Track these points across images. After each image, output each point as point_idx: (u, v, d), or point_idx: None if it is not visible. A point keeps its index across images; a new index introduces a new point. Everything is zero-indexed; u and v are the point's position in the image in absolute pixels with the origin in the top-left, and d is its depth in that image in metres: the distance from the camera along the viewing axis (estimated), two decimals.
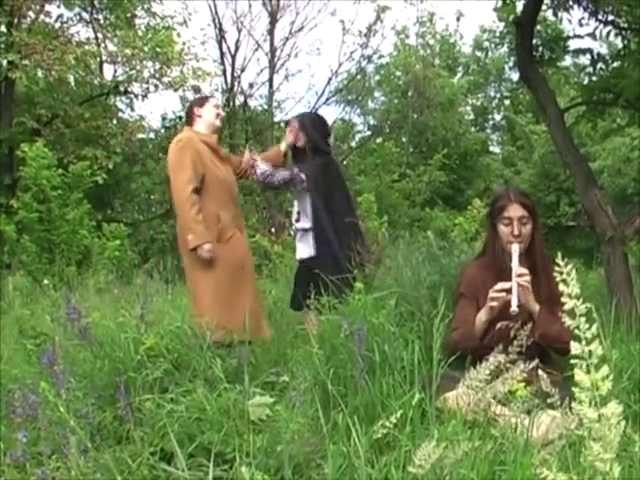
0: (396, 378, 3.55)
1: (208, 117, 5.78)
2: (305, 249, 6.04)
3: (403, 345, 3.87)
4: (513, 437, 2.72)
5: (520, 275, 3.98)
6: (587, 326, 1.68)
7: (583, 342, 1.67)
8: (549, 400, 2.73)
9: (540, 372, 2.69)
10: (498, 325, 3.62)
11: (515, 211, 4.17)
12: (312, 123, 6.23)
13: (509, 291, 3.94)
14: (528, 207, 4.20)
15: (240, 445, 3.06)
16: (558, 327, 3.80)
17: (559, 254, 1.76)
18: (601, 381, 1.65)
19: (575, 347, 1.67)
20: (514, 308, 3.83)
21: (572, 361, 1.69)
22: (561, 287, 1.73)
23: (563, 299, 1.72)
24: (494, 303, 3.97)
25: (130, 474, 2.98)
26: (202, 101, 5.95)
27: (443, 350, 3.70)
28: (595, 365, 1.66)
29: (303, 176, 5.92)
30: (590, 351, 1.66)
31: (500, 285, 3.98)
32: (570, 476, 1.77)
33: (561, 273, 1.71)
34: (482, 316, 4.05)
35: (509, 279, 3.97)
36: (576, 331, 1.69)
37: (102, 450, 3.24)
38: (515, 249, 4.07)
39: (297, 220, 6.16)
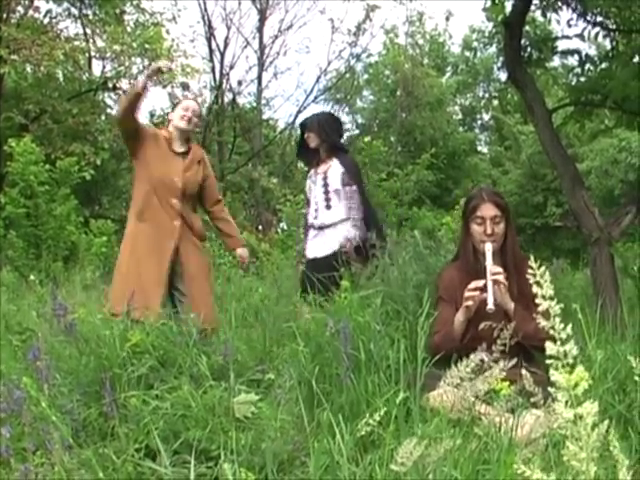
0: (381, 377, 3.56)
1: (174, 119, 5.98)
2: (320, 247, 6.12)
3: (389, 344, 3.88)
4: (497, 436, 2.73)
5: (494, 273, 3.99)
6: (562, 326, 1.68)
7: (558, 342, 1.67)
8: (533, 399, 2.74)
9: (524, 371, 2.70)
10: (481, 325, 3.63)
11: (488, 210, 4.18)
12: (328, 124, 6.31)
13: (484, 289, 3.95)
14: (501, 206, 4.22)
15: (225, 442, 3.06)
16: (535, 325, 3.81)
17: (531, 256, 1.76)
18: (578, 381, 1.65)
19: (550, 347, 1.68)
20: (490, 306, 3.84)
21: (547, 361, 1.70)
22: (535, 289, 1.73)
23: (537, 300, 1.72)
24: (469, 302, 3.99)
25: (114, 471, 2.97)
26: (175, 104, 6.27)
27: (427, 348, 3.72)
28: (571, 365, 1.66)
29: (355, 188, 6.23)
30: (565, 351, 1.66)
31: (474, 284, 4.00)
32: (551, 475, 1.78)
33: (534, 275, 1.71)
34: (459, 316, 4.06)
35: (484, 278, 3.99)
36: (552, 332, 1.70)
37: (86, 446, 3.24)
38: (488, 248, 4.09)
39: (316, 217, 6.22)
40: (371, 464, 2.70)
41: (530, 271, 1.70)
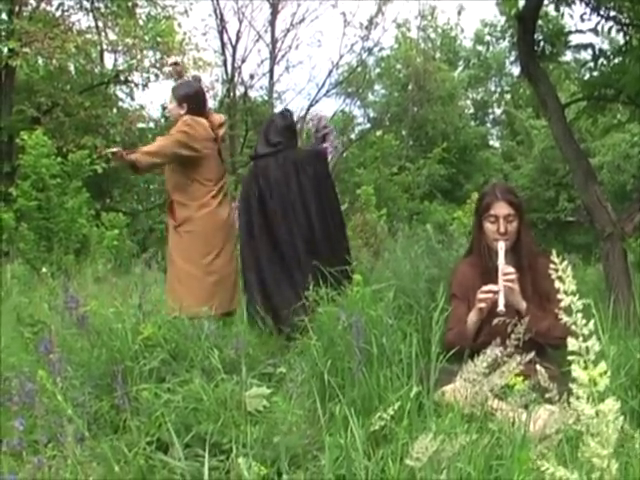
0: (394, 371, 3.55)
1: None
2: None
3: (401, 338, 3.87)
4: (510, 431, 2.72)
5: (506, 274, 3.97)
6: (584, 322, 1.67)
7: (580, 338, 1.66)
8: (547, 395, 2.73)
9: (538, 367, 2.69)
10: (495, 321, 3.62)
11: (501, 209, 4.15)
12: (261, 131, 6.09)
13: (497, 292, 3.93)
14: (514, 204, 4.18)
15: (237, 436, 3.05)
16: (548, 323, 3.81)
17: (554, 251, 1.75)
18: (599, 377, 1.64)
19: (572, 343, 1.66)
20: (501, 307, 3.82)
21: (569, 357, 1.68)
22: (557, 284, 1.71)
23: (559, 296, 1.71)
24: (482, 305, 3.97)
25: (126, 463, 2.97)
26: None
27: (441, 343, 3.70)
28: (592, 361, 1.65)
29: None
30: (587, 347, 1.65)
31: (488, 287, 3.98)
32: (568, 470, 1.77)
33: (557, 270, 1.70)
34: (472, 317, 4.05)
35: (496, 276, 3.97)
36: (573, 327, 1.68)
37: (99, 439, 3.24)
38: (501, 247, 4.06)
39: None
40: (383, 458, 2.69)
41: (552, 266, 1.68)
